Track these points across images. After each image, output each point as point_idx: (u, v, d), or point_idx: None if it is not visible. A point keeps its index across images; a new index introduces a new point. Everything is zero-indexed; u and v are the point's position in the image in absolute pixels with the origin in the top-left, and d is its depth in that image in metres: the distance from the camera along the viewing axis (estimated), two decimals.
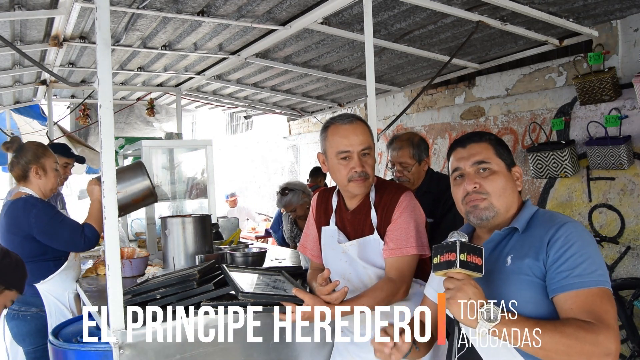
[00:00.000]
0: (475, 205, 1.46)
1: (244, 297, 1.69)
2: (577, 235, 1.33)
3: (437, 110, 5.56)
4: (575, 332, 1.20)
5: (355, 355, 1.93)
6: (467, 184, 1.47)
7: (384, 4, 3.11)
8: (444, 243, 1.30)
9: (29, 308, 2.61)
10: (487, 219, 1.46)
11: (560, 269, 1.30)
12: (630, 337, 3.47)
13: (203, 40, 3.73)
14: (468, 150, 1.51)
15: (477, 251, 1.28)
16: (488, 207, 1.45)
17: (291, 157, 8.87)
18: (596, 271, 1.29)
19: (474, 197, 1.46)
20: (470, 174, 1.48)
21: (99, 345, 1.80)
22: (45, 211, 2.57)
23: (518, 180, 1.51)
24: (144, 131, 6.92)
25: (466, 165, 1.49)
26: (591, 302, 1.25)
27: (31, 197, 2.63)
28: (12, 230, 2.57)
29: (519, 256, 1.38)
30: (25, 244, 2.54)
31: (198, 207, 4.90)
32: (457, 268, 1.25)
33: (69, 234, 2.54)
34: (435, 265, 1.31)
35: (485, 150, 1.49)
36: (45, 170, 2.71)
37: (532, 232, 1.40)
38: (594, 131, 3.90)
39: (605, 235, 3.94)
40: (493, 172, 1.47)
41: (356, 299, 1.71)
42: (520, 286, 1.34)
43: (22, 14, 2.83)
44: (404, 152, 2.71)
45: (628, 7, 3.38)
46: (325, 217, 2.06)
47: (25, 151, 2.72)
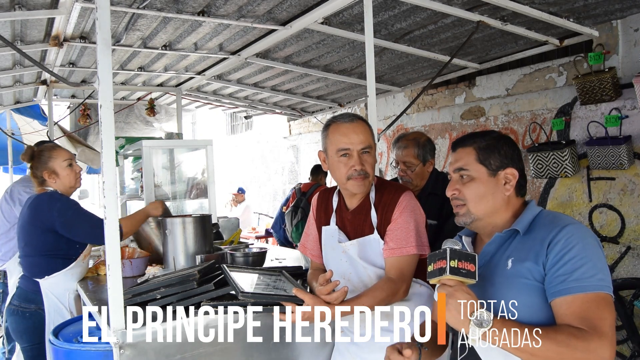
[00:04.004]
0: (456, 212, 1.52)
1: (244, 297, 1.69)
2: (578, 238, 1.32)
3: (437, 110, 5.56)
4: (566, 340, 1.20)
5: (355, 355, 1.93)
6: (448, 190, 1.53)
7: (384, 4, 3.11)
8: (437, 251, 1.34)
9: (29, 305, 2.64)
10: (466, 223, 1.51)
11: (558, 272, 1.29)
12: (630, 337, 3.47)
13: (203, 40, 3.73)
14: (455, 155, 1.55)
15: (470, 258, 1.30)
16: (465, 214, 1.49)
17: (291, 157, 8.87)
18: (596, 275, 1.27)
19: (454, 202, 1.52)
20: (454, 179, 1.53)
21: (99, 345, 1.80)
22: (68, 205, 2.65)
23: (508, 183, 1.48)
24: (144, 131, 6.90)
25: (451, 170, 1.55)
26: (587, 308, 1.25)
27: (56, 192, 2.71)
28: (34, 223, 2.62)
29: (520, 259, 1.37)
30: (42, 238, 2.60)
31: (198, 207, 4.90)
32: (447, 274, 1.28)
33: (93, 226, 2.57)
34: (429, 273, 1.34)
35: (467, 157, 1.51)
36: (56, 173, 2.74)
37: (533, 235, 1.40)
38: (594, 131, 3.90)
39: (605, 235, 3.94)
40: (472, 178, 1.49)
41: (356, 299, 1.70)
42: (520, 290, 1.34)
43: (22, 14, 2.83)
44: (408, 151, 2.70)
45: (628, 7, 3.38)
46: (326, 216, 2.06)
47: (35, 159, 2.77)
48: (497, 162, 1.49)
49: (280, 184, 9.27)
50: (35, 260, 2.64)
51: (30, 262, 2.67)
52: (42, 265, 2.61)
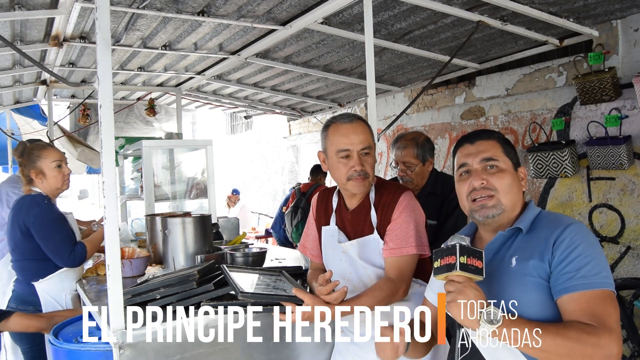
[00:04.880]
0: (482, 204, 1.46)
1: (244, 297, 1.69)
2: (582, 236, 1.33)
3: (437, 110, 5.56)
4: (577, 335, 1.21)
5: (355, 355, 1.93)
6: (475, 180, 1.47)
7: (384, 4, 3.11)
8: (444, 246, 1.31)
9: (27, 307, 2.62)
10: (494, 216, 1.45)
11: (565, 270, 1.30)
12: (630, 337, 3.47)
13: (203, 40, 3.73)
14: (476, 147, 1.51)
15: (478, 254, 1.28)
16: (495, 205, 1.45)
17: (291, 157, 8.87)
18: (600, 273, 1.29)
19: (481, 193, 1.46)
20: (478, 170, 1.48)
21: (99, 345, 1.80)
22: (47, 213, 2.58)
23: (523, 180, 1.51)
24: (144, 131, 6.90)
25: (474, 162, 1.49)
26: (594, 305, 1.26)
27: (39, 196, 2.65)
28: (16, 226, 2.60)
29: (524, 257, 1.37)
30: (25, 241, 2.57)
31: (198, 207, 4.90)
32: (457, 270, 1.26)
33: (59, 243, 2.54)
34: (435, 269, 1.32)
35: (493, 148, 1.49)
36: (43, 173, 2.69)
37: (536, 234, 1.40)
38: (594, 131, 3.90)
39: (605, 235, 3.94)
40: (501, 169, 1.47)
41: (356, 299, 1.71)
42: (525, 287, 1.34)
43: (22, 14, 2.83)
44: (407, 151, 2.70)
45: (628, 7, 3.38)
46: (326, 216, 2.06)
47: (25, 156, 2.73)
48: (515, 158, 1.52)
49: (280, 184, 9.27)
50: (26, 265, 2.63)
51: (20, 266, 2.66)
52: (34, 269, 2.59)
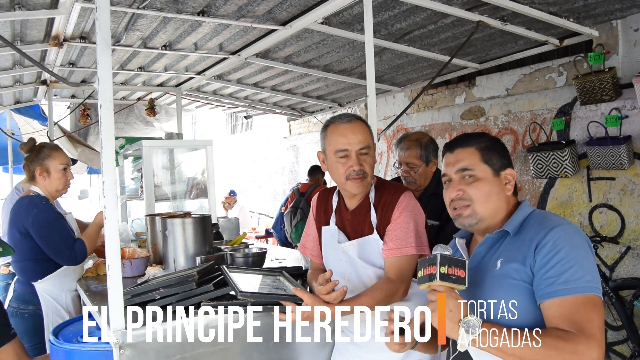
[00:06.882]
0: (459, 214, 1.49)
1: (244, 297, 1.69)
2: (565, 240, 1.31)
3: (437, 110, 5.56)
4: (553, 342, 1.21)
5: (355, 355, 1.93)
6: (451, 191, 1.50)
7: (384, 4, 3.11)
8: (427, 257, 1.34)
9: (27, 306, 2.65)
10: (470, 225, 1.48)
11: (546, 275, 1.30)
12: (630, 337, 3.47)
13: (203, 40, 3.73)
14: (455, 155, 1.52)
15: (460, 264, 1.30)
16: (470, 215, 1.47)
17: (291, 157, 8.87)
18: (584, 277, 1.28)
19: (458, 203, 1.48)
20: (455, 180, 1.50)
21: (99, 345, 1.80)
22: (46, 213, 2.60)
23: (508, 184, 1.50)
24: (144, 131, 6.90)
25: (452, 172, 1.51)
26: (574, 311, 1.25)
27: (37, 197, 2.67)
28: (15, 227, 2.62)
29: (508, 260, 1.38)
30: (24, 241, 2.59)
31: (198, 207, 4.90)
32: (437, 281, 1.28)
33: (59, 243, 2.56)
34: (419, 279, 1.34)
35: (470, 157, 1.50)
36: (48, 172, 2.74)
37: (522, 236, 1.40)
38: (594, 131, 3.90)
39: (605, 235, 3.94)
40: (477, 179, 1.48)
41: (356, 299, 1.71)
42: (507, 290, 1.35)
43: (22, 14, 2.83)
44: (411, 152, 2.69)
45: (628, 7, 3.38)
46: (325, 217, 2.06)
47: (33, 152, 2.78)
48: (499, 162, 1.50)
49: (280, 184, 9.27)
50: (26, 265, 2.64)
51: (20, 266, 2.68)
52: (33, 269, 2.61)
